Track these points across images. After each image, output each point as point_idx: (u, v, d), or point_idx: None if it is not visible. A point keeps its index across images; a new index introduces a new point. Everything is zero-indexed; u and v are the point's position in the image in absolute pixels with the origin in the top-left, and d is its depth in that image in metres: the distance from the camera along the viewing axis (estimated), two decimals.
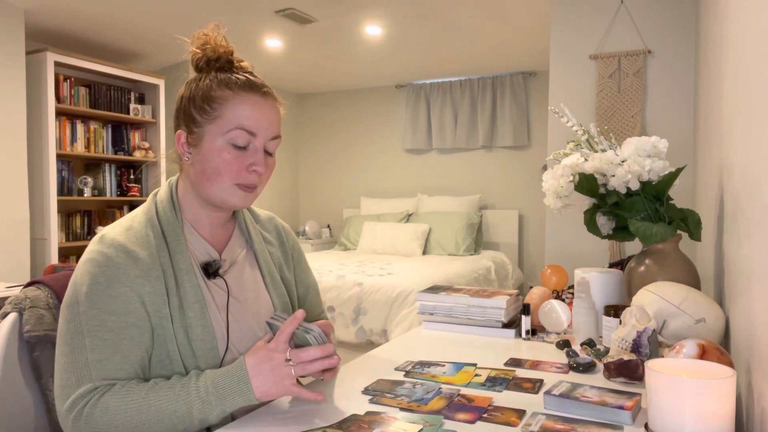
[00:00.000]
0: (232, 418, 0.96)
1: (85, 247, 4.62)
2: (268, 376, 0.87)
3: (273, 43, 4.39)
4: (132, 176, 4.57)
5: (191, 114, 1.00)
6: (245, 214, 1.15)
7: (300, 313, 0.92)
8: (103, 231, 0.99)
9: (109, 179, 4.42)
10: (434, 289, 1.50)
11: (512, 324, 1.42)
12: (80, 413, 0.86)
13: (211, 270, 1.02)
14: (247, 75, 1.02)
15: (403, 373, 1.10)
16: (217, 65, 1.02)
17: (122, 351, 0.89)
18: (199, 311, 0.96)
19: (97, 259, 0.92)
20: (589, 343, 1.22)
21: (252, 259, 1.12)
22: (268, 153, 1.03)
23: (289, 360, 0.87)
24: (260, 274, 1.11)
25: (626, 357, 1.01)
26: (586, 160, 1.35)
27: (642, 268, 1.26)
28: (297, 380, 0.90)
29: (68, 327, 0.90)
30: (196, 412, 0.85)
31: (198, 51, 1.03)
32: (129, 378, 0.89)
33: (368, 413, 0.89)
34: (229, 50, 1.04)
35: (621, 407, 0.85)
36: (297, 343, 0.94)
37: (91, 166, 4.42)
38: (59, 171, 4.08)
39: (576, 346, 1.28)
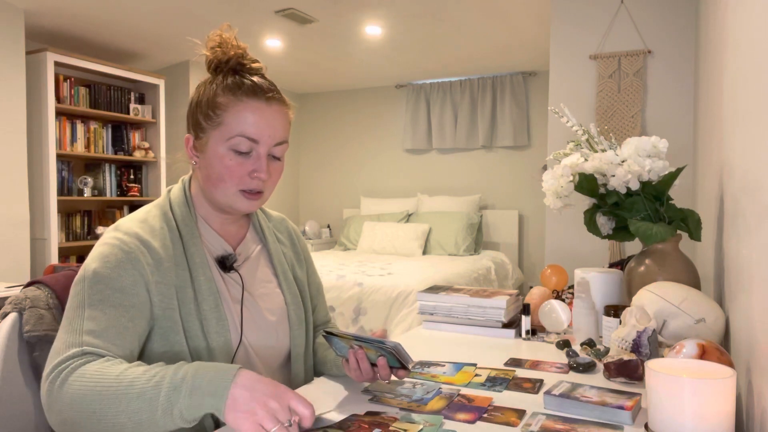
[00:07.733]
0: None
1: (84, 247, 4.58)
2: (249, 401, 0.73)
3: (273, 43, 4.39)
4: (132, 176, 4.57)
5: (198, 119, 1.01)
6: (258, 214, 1.17)
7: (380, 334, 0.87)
8: (117, 222, 1.00)
9: (109, 179, 4.42)
10: (434, 289, 1.50)
11: (512, 324, 1.42)
12: (57, 377, 0.79)
13: (227, 263, 1.04)
14: (254, 79, 1.01)
15: None
16: (227, 67, 1.02)
17: (118, 327, 0.87)
18: (213, 304, 0.97)
19: (111, 242, 0.93)
20: (589, 343, 1.22)
21: (266, 257, 1.14)
22: (274, 157, 1.03)
23: (283, 424, 0.72)
24: (273, 271, 1.13)
25: (626, 357, 1.01)
26: (586, 160, 1.35)
27: (642, 268, 1.26)
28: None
29: (71, 303, 0.89)
30: (164, 398, 0.74)
31: (209, 53, 1.03)
32: (117, 357, 0.84)
33: (368, 413, 0.89)
34: (240, 51, 1.02)
35: (621, 407, 0.85)
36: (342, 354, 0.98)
37: (91, 166, 4.42)
38: (59, 171, 4.08)
39: (576, 346, 1.28)
